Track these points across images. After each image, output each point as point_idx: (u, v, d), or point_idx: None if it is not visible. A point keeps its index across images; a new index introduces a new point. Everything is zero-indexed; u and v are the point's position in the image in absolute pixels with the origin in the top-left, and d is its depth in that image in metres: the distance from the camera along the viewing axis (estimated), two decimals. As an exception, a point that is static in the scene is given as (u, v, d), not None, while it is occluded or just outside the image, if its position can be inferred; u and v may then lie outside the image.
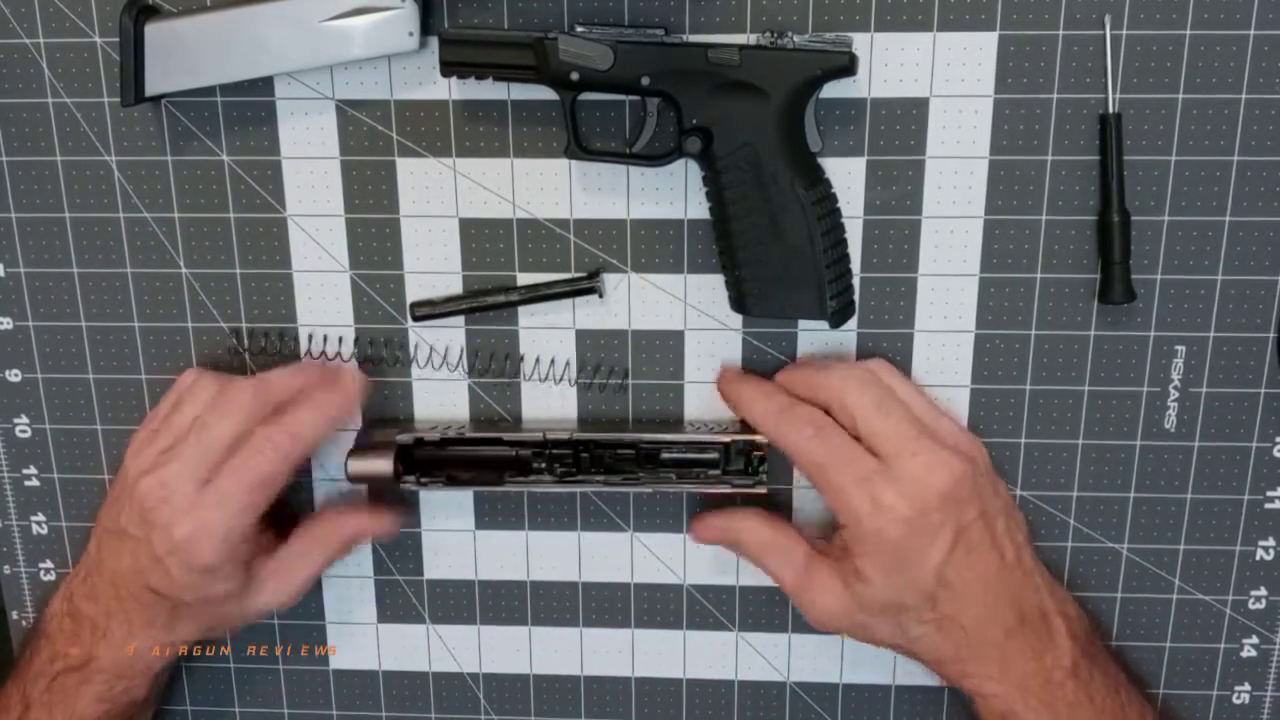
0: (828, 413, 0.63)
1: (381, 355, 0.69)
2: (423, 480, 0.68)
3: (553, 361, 0.69)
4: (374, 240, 0.68)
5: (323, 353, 0.69)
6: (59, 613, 0.69)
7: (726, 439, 0.67)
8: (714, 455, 0.67)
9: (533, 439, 0.68)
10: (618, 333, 0.68)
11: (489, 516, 0.72)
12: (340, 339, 0.69)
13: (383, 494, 0.71)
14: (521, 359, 0.69)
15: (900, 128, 0.64)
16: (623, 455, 0.67)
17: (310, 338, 0.69)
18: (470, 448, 0.68)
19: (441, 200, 0.67)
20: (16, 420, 0.72)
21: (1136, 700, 0.66)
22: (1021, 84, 0.63)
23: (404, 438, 0.68)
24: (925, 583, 0.61)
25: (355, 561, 0.73)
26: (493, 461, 0.68)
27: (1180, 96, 0.62)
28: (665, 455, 0.67)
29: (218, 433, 0.64)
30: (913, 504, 0.60)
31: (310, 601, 0.72)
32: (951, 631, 0.62)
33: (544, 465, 0.67)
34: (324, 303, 0.69)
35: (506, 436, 0.68)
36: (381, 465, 0.67)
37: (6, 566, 0.75)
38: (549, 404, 0.70)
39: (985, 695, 0.63)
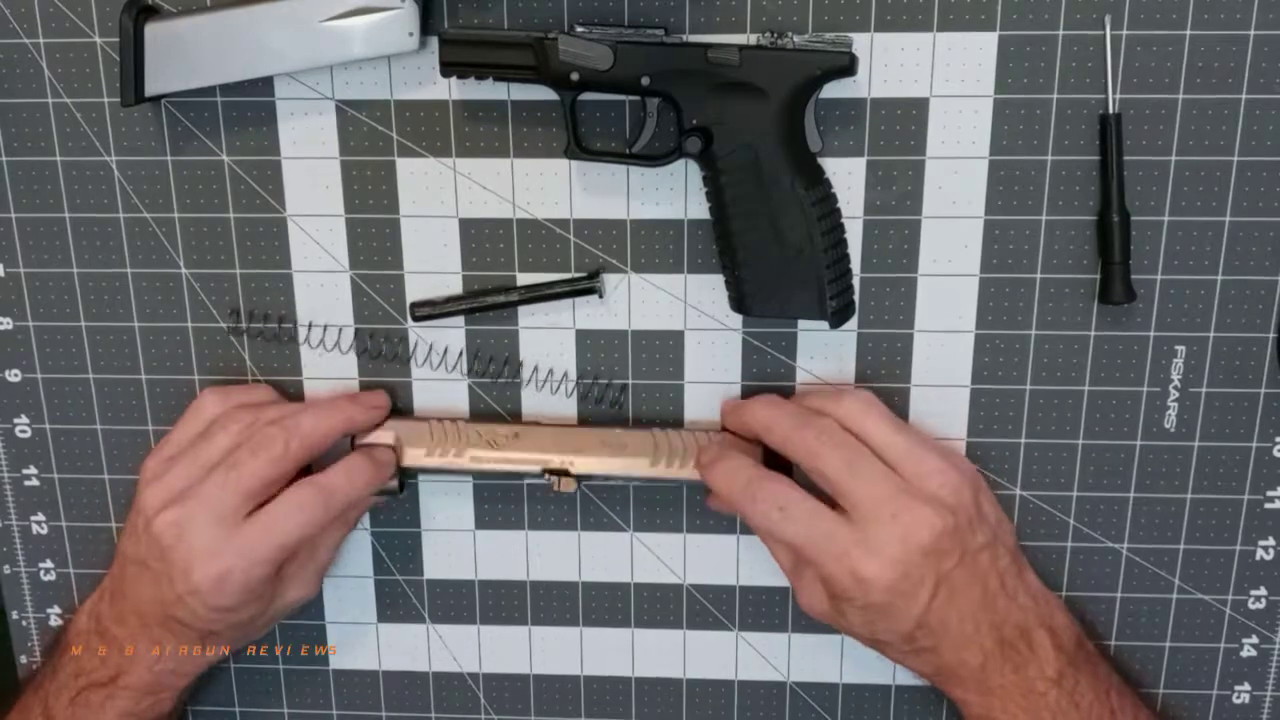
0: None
1: (381, 349, 0.69)
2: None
3: (550, 372, 0.69)
4: (374, 240, 0.68)
5: (321, 343, 0.69)
6: (86, 630, 0.68)
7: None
8: None
9: (530, 471, 0.68)
10: (618, 333, 0.68)
11: (489, 516, 0.72)
12: (340, 330, 0.69)
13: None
14: (521, 365, 0.69)
15: (900, 128, 0.64)
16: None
17: (310, 326, 0.69)
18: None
19: (441, 200, 0.67)
20: (16, 420, 0.72)
21: (1129, 704, 0.66)
22: (1021, 84, 0.63)
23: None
24: (905, 629, 0.61)
25: (355, 561, 0.73)
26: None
27: (1180, 96, 0.62)
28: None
29: (246, 476, 0.63)
30: (894, 567, 0.60)
31: (310, 601, 0.72)
32: (929, 658, 0.63)
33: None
34: (324, 303, 0.69)
35: (503, 469, 0.68)
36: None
37: (6, 566, 0.75)
38: (549, 404, 0.70)
39: (966, 703, 0.64)
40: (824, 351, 0.68)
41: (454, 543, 0.73)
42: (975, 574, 0.62)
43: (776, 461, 0.65)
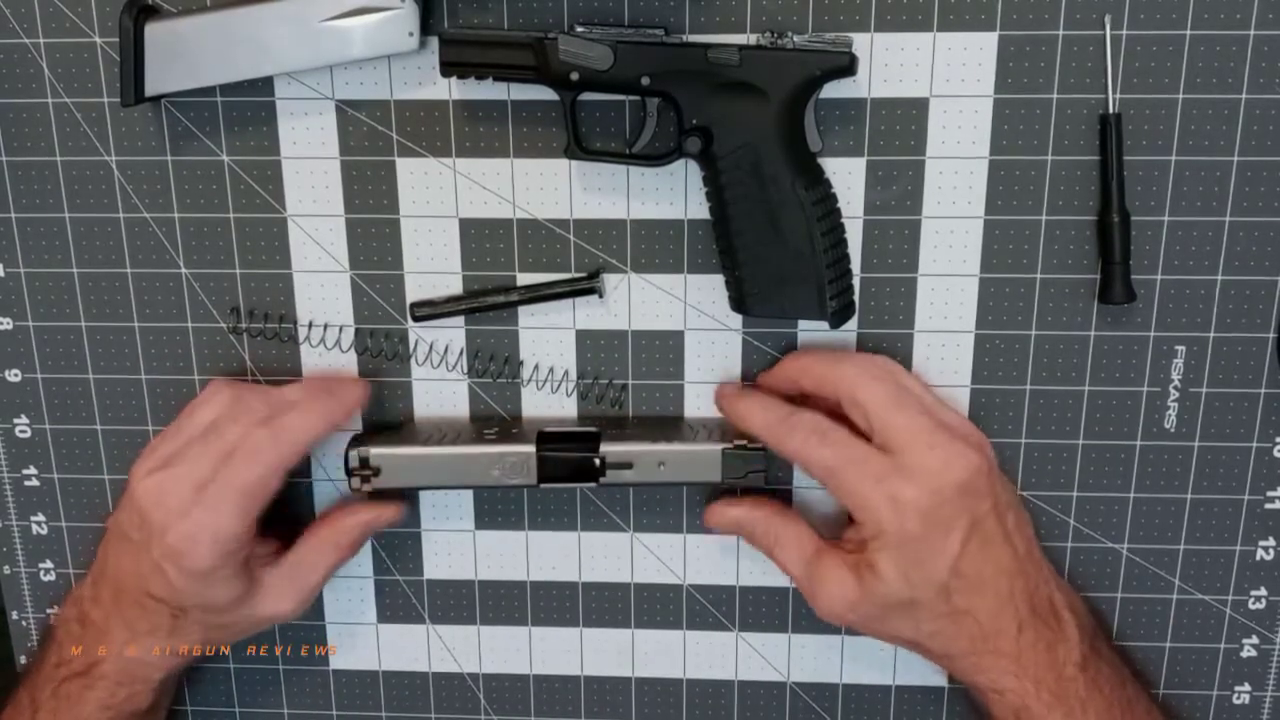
0: (833, 410, 0.63)
1: (381, 348, 0.69)
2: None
3: (550, 371, 0.69)
4: (374, 240, 0.68)
5: (321, 341, 0.69)
6: (68, 617, 0.69)
7: (719, 447, 0.66)
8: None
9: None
10: (618, 333, 0.68)
11: (489, 516, 0.72)
12: (340, 330, 0.69)
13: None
14: (521, 364, 0.69)
15: (900, 128, 0.64)
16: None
17: (310, 325, 0.69)
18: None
19: (441, 200, 0.67)
20: (16, 420, 0.72)
21: (1143, 695, 0.66)
22: (1021, 84, 0.63)
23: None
24: (940, 576, 0.60)
25: (355, 561, 0.73)
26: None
27: (1180, 96, 0.62)
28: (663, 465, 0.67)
29: (226, 438, 0.64)
30: (931, 497, 0.60)
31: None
32: (965, 625, 0.62)
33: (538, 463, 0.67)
34: (324, 303, 0.69)
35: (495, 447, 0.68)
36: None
37: (6, 566, 0.75)
38: (549, 403, 0.70)
39: (1001, 691, 0.63)
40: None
41: (454, 543, 0.73)
42: (1005, 530, 0.62)
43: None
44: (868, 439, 0.62)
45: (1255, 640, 0.71)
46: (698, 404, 0.69)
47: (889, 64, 0.63)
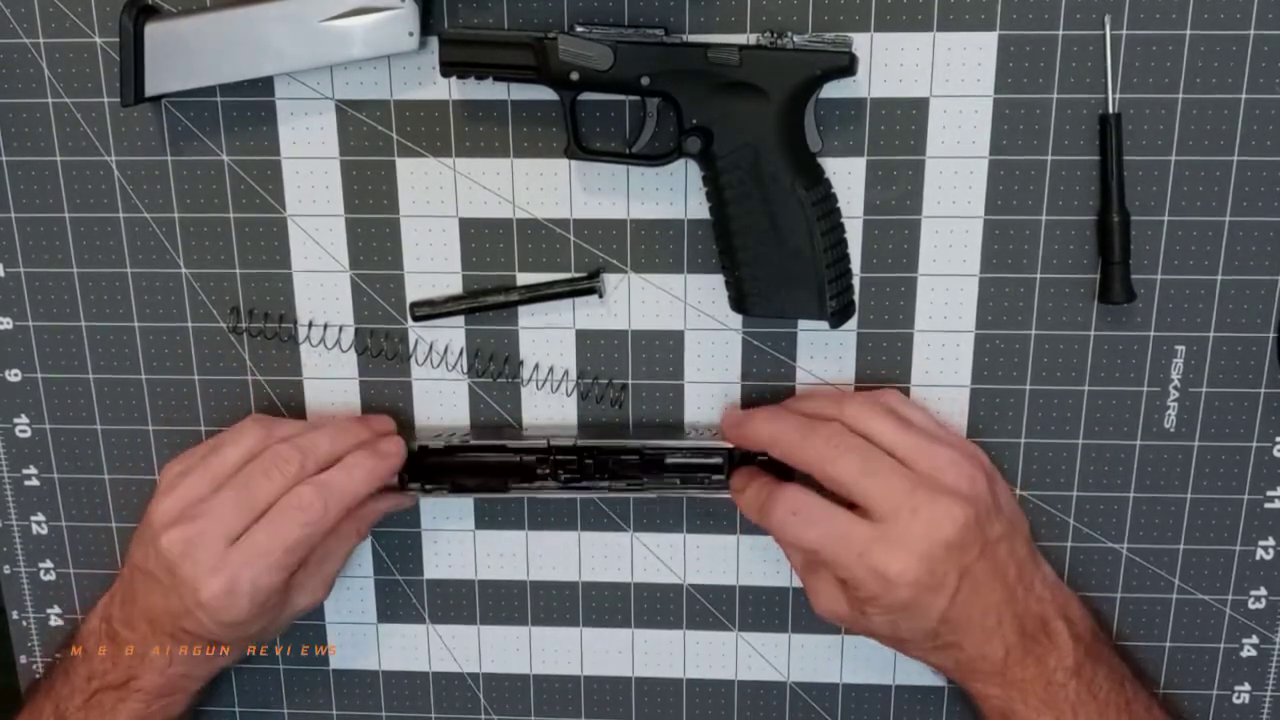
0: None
1: (381, 348, 0.69)
2: (428, 487, 0.68)
3: (551, 370, 0.69)
4: (374, 240, 0.68)
5: (321, 341, 0.69)
6: (96, 631, 0.68)
7: (729, 445, 0.66)
8: (718, 460, 0.66)
9: (537, 446, 0.67)
10: (618, 333, 0.68)
11: (489, 517, 0.72)
12: (340, 330, 0.69)
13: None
14: (521, 364, 0.69)
15: (900, 128, 0.64)
16: (627, 461, 0.67)
17: (310, 325, 0.69)
18: (475, 455, 0.68)
19: (441, 200, 0.67)
20: (16, 420, 0.72)
21: (1143, 695, 0.66)
22: (1021, 84, 0.63)
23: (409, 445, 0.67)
24: (929, 625, 0.61)
25: (355, 562, 0.73)
26: (497, 468, 0.68)
27: (1180, 96, 0.62)
28: (670, 460, 0.67)
29: (257, 493, 0.63)
30: (920, 562, 0.59)
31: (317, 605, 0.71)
32: (951, 653, 0.62)
33: (548, 471, 0.67)
34: (324, 303, 0.69)
35: (511, 444, 0.68)
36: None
37: (6, 566, 0.75)
38: (549, 405, 0.70)
39: (987, 697, 0.63)
40: (824, 351, 0.68)
41: (454, 543, 0.73)
42: (995, 566, 0.62)
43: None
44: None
45: (1255, 640, 0.71)
46: (697, 404, 0.69)
47: (889, 64, 0.63)
